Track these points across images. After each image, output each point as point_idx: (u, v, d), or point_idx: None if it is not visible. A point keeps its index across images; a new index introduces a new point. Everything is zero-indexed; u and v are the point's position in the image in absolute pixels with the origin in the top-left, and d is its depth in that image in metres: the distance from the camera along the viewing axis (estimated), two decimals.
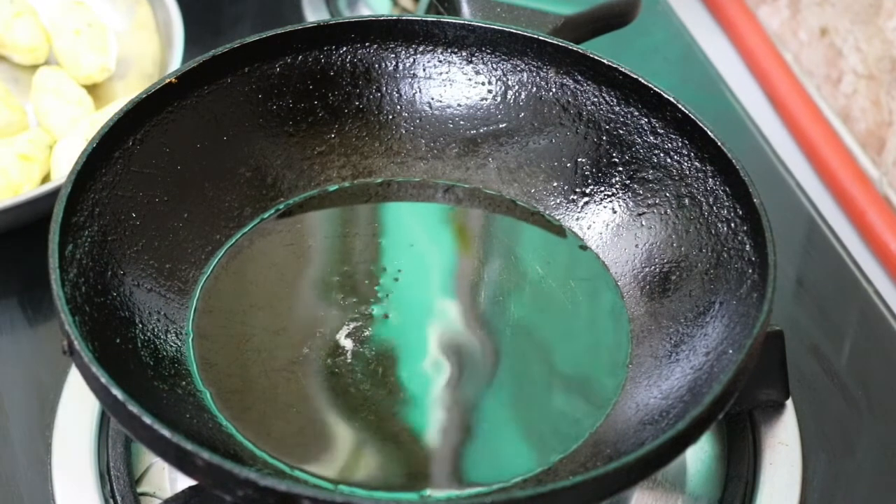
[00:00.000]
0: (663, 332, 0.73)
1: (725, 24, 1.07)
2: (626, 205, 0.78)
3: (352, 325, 0.74)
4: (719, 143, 0.74)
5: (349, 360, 0.72)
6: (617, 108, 0.78)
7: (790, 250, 0.89)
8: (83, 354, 0.64)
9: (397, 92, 0.81)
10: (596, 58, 0.78)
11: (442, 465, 0.69)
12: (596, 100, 0.79)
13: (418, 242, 0.79)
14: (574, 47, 0.78)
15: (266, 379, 0.71)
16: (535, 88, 0.80)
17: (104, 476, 0.74)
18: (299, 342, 0.73)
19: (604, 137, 0.79)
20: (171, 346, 0.71)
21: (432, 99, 0.81)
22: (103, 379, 0.63)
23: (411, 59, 0.81)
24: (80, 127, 0.89)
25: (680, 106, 0.76)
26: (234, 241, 0.77)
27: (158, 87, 0.75)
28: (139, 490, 0.74)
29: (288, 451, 0.68)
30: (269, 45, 0.79)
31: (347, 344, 0.73)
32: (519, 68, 0.80)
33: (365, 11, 1.04)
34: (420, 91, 0.81)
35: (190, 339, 0.72)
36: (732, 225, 0.73)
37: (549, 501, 0.60)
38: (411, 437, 0.70)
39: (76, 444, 0.75)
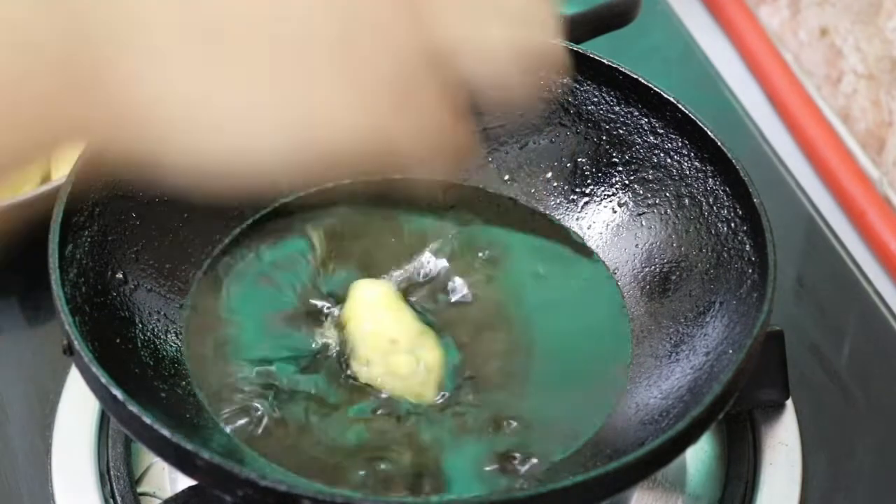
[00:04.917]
0: (663, 332, 0.73)
1: (725, 24, 1.07)
2: (626, 205, 0.78)
3: None
4: (719, 143, 0.74)
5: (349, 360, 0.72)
6: (617, 108, 0.78)
7: (790, 250, 0.89)
8: (83, 354, 0.64)
9: None
10: (596, 58, 0.78)
11: (442, 465, 0.69)
12: (596, 100, 0.79)
13: (418, 242, 0.79)
14: (574, 47, 0.78)
15: None
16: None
17: (104, 476, 0.74)
18: (299, 342, 0.73)
19: (604, 137, 0.79)
20: (171, 346, 0.71)
21: None
22: (103, 379, 0.63)
23: None
24: None
25: (680, 106, 0.76)
26: (233, 241, 0.77)
27: None
28: (139, 490, 0.74)
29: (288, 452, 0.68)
30: None
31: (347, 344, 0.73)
32: None
33: None
34: None
35: None
36: (732, 225, 0.73)
37: (549, 501, 0.60)
38: (412, 438, 0.70)
39: (76, 444, 0.75)
